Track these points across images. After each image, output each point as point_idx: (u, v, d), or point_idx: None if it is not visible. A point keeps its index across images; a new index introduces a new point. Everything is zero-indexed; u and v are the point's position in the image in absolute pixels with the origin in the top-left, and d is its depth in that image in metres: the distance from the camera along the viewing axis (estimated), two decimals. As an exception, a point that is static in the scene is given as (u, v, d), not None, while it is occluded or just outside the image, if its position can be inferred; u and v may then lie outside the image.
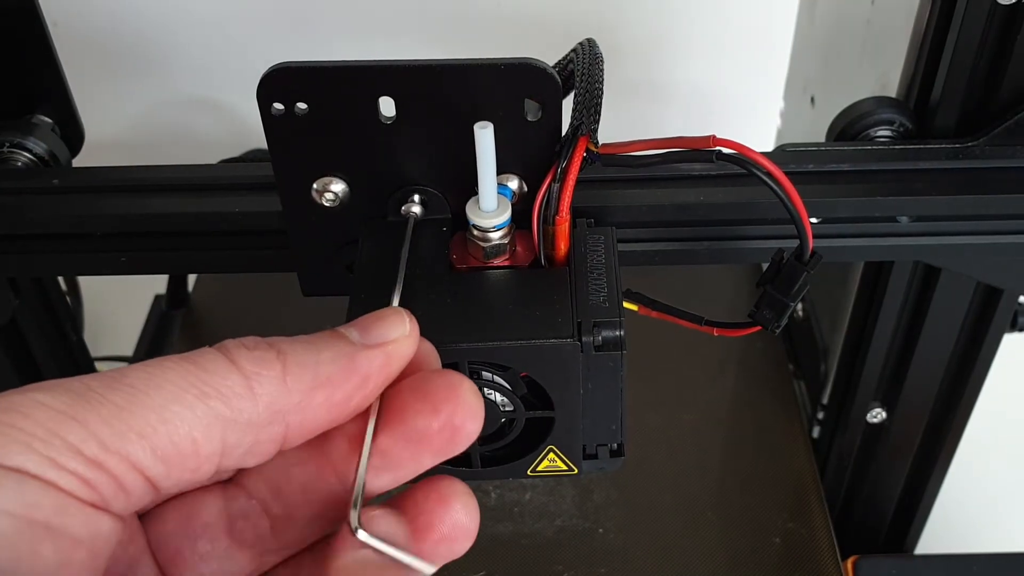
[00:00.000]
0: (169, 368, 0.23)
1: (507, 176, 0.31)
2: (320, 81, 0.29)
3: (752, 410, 0.56)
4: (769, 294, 0.33)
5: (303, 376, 0.24)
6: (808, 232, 0.31)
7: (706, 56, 0.77)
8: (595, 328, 0.29)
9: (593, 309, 0.29)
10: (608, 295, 0.30)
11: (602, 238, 0.32)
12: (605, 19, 0.77)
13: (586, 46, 0.34)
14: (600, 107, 0.32)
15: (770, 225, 0.37)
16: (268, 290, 0.61)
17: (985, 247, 0.38)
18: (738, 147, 0.30)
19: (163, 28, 0.78)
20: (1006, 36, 0.36)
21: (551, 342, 0.28)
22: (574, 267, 0.31)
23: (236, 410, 0.23)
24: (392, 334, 0.26)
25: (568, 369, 0.29)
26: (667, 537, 0.49)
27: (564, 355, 0.28)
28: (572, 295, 0.29)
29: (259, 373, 0.24)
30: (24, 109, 0.40)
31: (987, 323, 0.44)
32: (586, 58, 0.34)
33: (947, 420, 0.49)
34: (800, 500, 0.51)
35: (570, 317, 0.29)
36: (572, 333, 0.28)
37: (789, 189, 0.30)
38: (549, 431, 0.30)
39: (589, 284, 0.30)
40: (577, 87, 0.33)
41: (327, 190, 0.32)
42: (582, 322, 0.29)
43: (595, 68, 0.33)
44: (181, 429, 0.23)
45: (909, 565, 0.52)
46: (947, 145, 0.38)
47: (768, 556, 0.49)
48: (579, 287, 0.30)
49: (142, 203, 0.37)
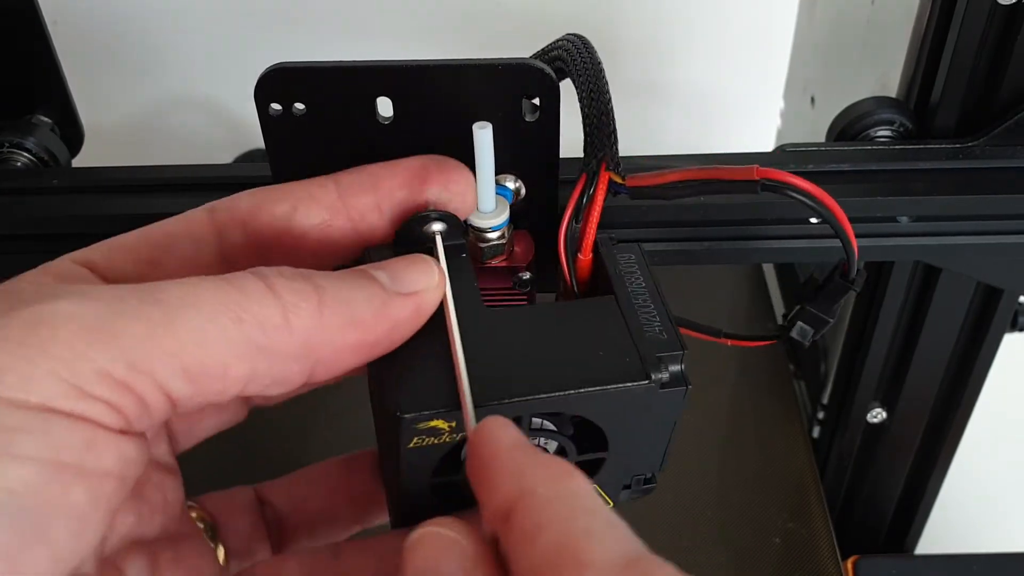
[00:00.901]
0: (206, 288, 0.22)
1: (505, 176, 0.31)
2: (318, 81, 0.29)
3: (752, 410, 0.56)
4: (808, 311, 0.32)
5: (339, 312, 0.24)
6: (855, 253, 0.30)
7: (706, 56, 0.77)
8: (660, 364, 0.26)
9: (653, 342, 0.27)
10: (663, 324, 0.27)
11: (633, 257, 0.30)
12: (605, 19, 0.77)
13: (580, 48, 0.31)
14: (615, 129, 0.30)
15: (770, 225, 0.37)
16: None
17: (985, 247, 0.38)
18: (781, 176, 0.29)
19: (163, 28, 0.78)
20: (1006, 36, 0.36)
21: (627, 386, 0.26)
22: (617, 295, 0.28)
23: (271, 339, 0.23)
24: (422, 283, 0.25)
25: (635, 410, 0.27)
26: (667, 537, 0.49)
27: (637, 398, 0.26)
28: (627, 327, 0.27)
29: (297, 304, 0.23)
30: (24, 109, 0.40)
31: (987, 323, 0.44)
32: (587, 68, 0.31)
33: (947, 420, 0.49)
34: (800, 500, 0.51)
35: (635, 354, 0.26)
36: (645, 373, 0.26)
37: (839, 214, 0.29)
38: (597, 471, 0.28)
39: (639, 313, 0.28)
40: (583, 107, 0.30)
41: (326, 190, 0.32)
42: (648, 359, 0.26)
43: (600, 82, 0.30)
44: (214, 352, 0.22)
45: (909, 565, 0.52)
46: (947, 145, 0.38)
47: (768, 556, 0.49)
48: (629, 317, 0.27)
49: (142, 203, 0.37)
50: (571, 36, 0.32)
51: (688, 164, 0.30)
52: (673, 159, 0.37)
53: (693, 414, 0.55)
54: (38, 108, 0.41)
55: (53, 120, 0.41)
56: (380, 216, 0.28)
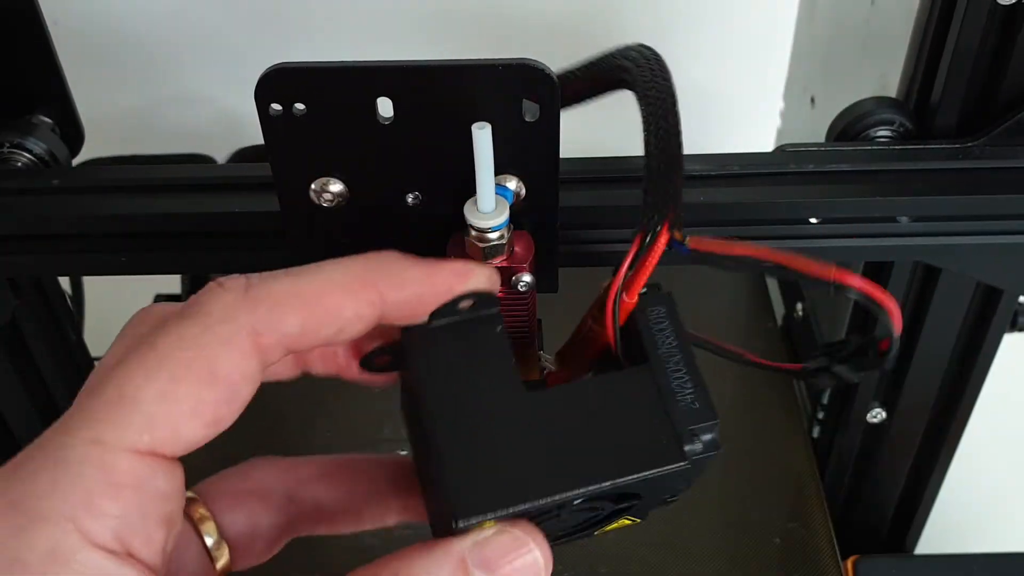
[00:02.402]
0: None
1: (505, 177, 0.31)
2: (318, 82, 0.29)
3: (752, 410, 0.56)
4: (835, 371, 0.31)
5: None
6: (897, 342, 0.29)
7: (706, 56, 0.77)
8: (695, 438, 0.27)
9: (686, 413, 0.27)
10: (695, 391, 0.28)
11: (663, 309, 0.29)
12: (605, 18, 0.77)
13: (653, 65, 0.28)
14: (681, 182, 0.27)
15: (770, 225, 0.37)
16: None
17: (985, 247, 0.38)
18: (859, 282, 0.27)
19: (163, 28, 0.78)
20: (1006, 36, 0.36)
21: (665, 470, 0.26)
22: (652, 364, 0.28)
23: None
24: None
25: (671, 478, 0.27)
26: (667, 537, 0.49)
27: (675, 477, 0.27)
28: (660, 399, 0.27)
29: None
30: (24, 109, 0.40)
31: (987, 323, 0.44)
32: (658, 92, 0.28)
33: (947, 420, 0.49)
34: (800, 500, 0.51)
35: (670, 430, 0.27)
36: (681, 455, 0.26)
37: (895, 317, 0.28)
38: (628, 510, 0.29)
39: (671, 379, 0.28)
40: (648, 138, 0.28)
41: (325, 191, 0.32)
42: (684, 436, 0.27)
43: (673, 115, 0.27)
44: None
45: (909, 565, 0.52)
46: (947, 145, 0.38)
47: (768, 556, 0.49)
48: (663, 390, 0.28)
49: (142, 203, 0.37)
50: (643, 47, 0.30)
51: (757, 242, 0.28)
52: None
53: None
54: (38, 108, 0.41)
55: (53, 120, 0.41)
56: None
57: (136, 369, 0.24)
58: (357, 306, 0.26)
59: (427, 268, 0.27)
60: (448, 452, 0.26)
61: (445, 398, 0.27)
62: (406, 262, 0.27)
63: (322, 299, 0.26)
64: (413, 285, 0.27)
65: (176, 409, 0.24)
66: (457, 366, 0.27)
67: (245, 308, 0.25)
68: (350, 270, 0.26)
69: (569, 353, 0.32)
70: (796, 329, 0.59)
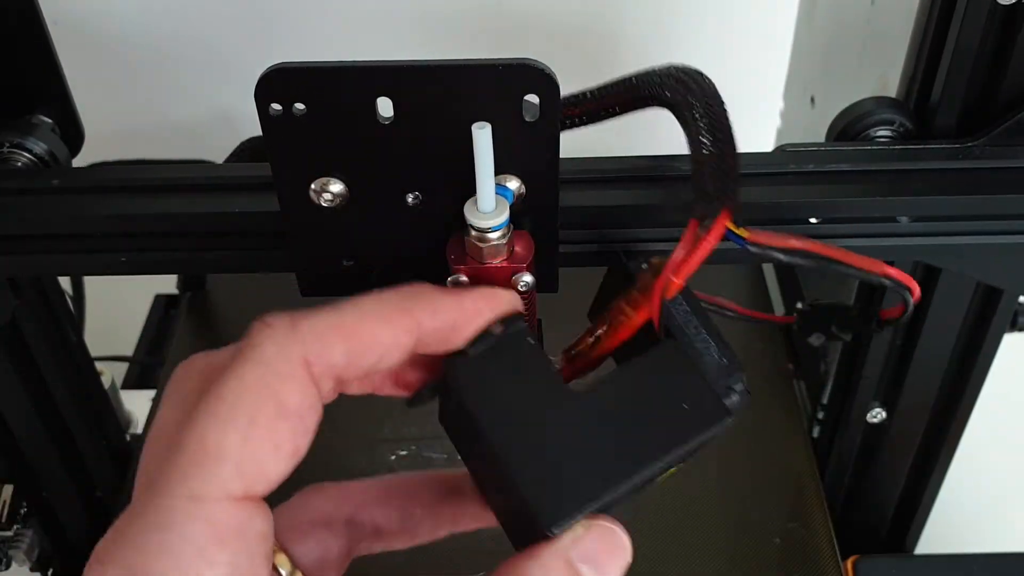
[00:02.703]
0: None
1: (506, 177, 0.31)
2: (318, 81, 0.29)
3: (752, 410, 0.56)
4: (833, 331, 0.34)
5: None
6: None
7: (706, 56, 0.76)
8: (731, 392, 0.30)
9: (717, 370, 0.30)
10: (719, 347, 0.30)
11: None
12: (605, 18, 0.77)
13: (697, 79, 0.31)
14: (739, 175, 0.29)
15: (771, 225, 0.37)
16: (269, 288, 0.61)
17: (985, 247, 0.38)
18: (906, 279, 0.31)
19: (163, 28, 0.78)
20: (1006, 36, 0.36)
21: (716, 429, 0.29)
22: (677, 337, 0.30)
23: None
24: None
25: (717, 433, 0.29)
26: (667, 537, 0.49)
27: (722, 431, 0.29)
28: (691, 364, 0.30)
29: None
30: (24, 109, 0.40)
31: (987, 323, 0.44)
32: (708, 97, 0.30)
33: (947, 420, 0.49)
34: (800, 500, 0.51)
35: (710, 391, 0.29)
36: (726, 410, 0.29)
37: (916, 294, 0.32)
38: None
39: (696, 343, 0.30)
40: (703, 138, 0.30)
41: (325, 190, 0.32)
42: (720, 391, 0.29)
43: (726, 118, 0.30)
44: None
45: (909, 565, 0.52)
46: (947, 145, 0.38)
47: (768, 556, 0.49)
48: (690, 352, 0.30)
49: (142, 203, 0.37)
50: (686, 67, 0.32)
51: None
52: (673, 159, 0.37)
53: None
54: (38, 108, 0.41)
55: (53, 120, 0.41)
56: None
57: (211, 420, 0.25)
58: (395, 333, 0.28)
59: (457, 295, 0.29)
60: (519, 467, 0.27)
61: (501, 418, 0.28)
62: (438, 292, 0.29)
63: (363, 329, 0.27)
64: (446, 312, 0.29)
65: (259, 450, 0.25)
66: (504, 385, 0.29)
67: (296, 342, 0.26)
68: (387, 302, 0.28)
69: (579, 351, 0.33)
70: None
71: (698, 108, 0.30)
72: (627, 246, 0.37)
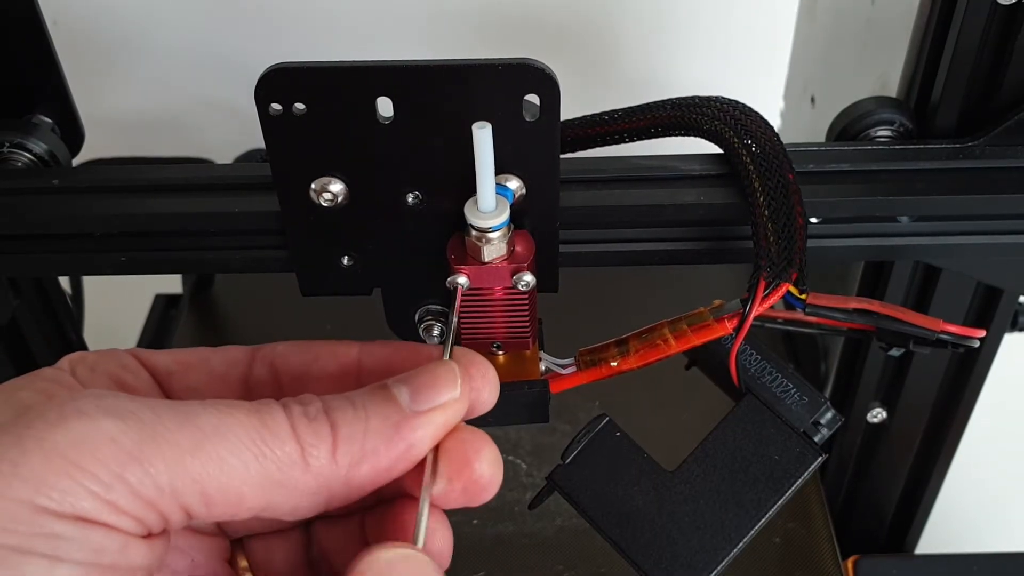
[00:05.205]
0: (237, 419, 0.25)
1: (506, 176, 0.31)
2: (318, 81, 0.29)
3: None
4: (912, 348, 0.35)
5: (351, 451, 0.26)
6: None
7: (706, 56, 0.77)
8: (818, 429, 0.32)
9: (801, 410, 0.32)
10: (796, 387, 0.32)
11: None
12: (605, 18, 0.77)
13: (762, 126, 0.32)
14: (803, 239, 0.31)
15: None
16: (269, 287, 0.61)
17: (985, 247, 0.38)
18: (961, 330, 0.33)
19: (164, 27, 0.78)
20: (1006, 36, 0.36)
21: (811, 470, 0.31)
22: (754, 391, 0.32)
23: (287, 477, 0.25)
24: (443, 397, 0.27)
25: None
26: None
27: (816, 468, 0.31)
28: (774, 414, 0.32)
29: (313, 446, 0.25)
30: (24, 109, 0.40)
31: (987, 323, 0.44)
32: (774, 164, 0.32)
33: (947, 420, 0.49)
34: (800, 500, 0.51)
35: (797, 435, 0.31)
36: (817, 451, 0.31)
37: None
38: None
39: (775, 390, 0.32)
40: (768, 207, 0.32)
41: (325, 190, 0.32)
42: (811, 433, 0.31)
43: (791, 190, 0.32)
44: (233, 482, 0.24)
45: (909, 565, 0.52)
46: (947, 145, 0.38)
47: (768, 556, 0.49)
48: (769, 401, 0.32)
49: (142, 203, 0.37)
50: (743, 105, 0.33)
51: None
52: (673, 158, 0.37)
53: (693, 414, 0.56)
54: (38, 108, 0.40)
55: (53, 120, 0.41)
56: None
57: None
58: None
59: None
60: (642, 557, 0.31)
61: (612, 511, 0.31)
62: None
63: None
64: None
65: None
66: (606, 481, 0.32)
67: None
68: None
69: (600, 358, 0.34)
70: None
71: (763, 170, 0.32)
72: (627, 246, 0.37)
